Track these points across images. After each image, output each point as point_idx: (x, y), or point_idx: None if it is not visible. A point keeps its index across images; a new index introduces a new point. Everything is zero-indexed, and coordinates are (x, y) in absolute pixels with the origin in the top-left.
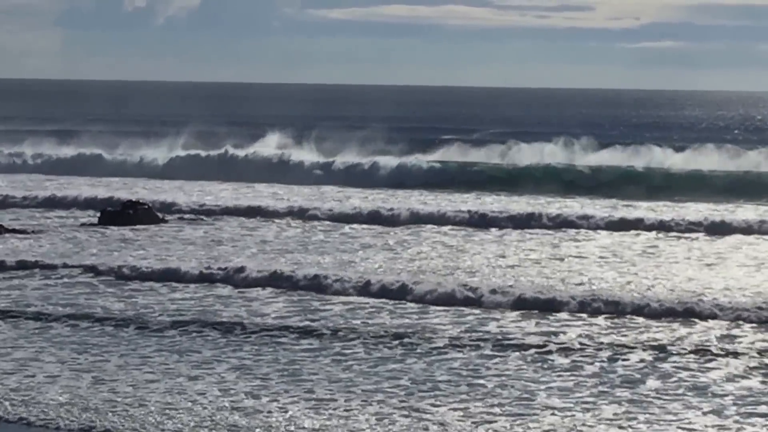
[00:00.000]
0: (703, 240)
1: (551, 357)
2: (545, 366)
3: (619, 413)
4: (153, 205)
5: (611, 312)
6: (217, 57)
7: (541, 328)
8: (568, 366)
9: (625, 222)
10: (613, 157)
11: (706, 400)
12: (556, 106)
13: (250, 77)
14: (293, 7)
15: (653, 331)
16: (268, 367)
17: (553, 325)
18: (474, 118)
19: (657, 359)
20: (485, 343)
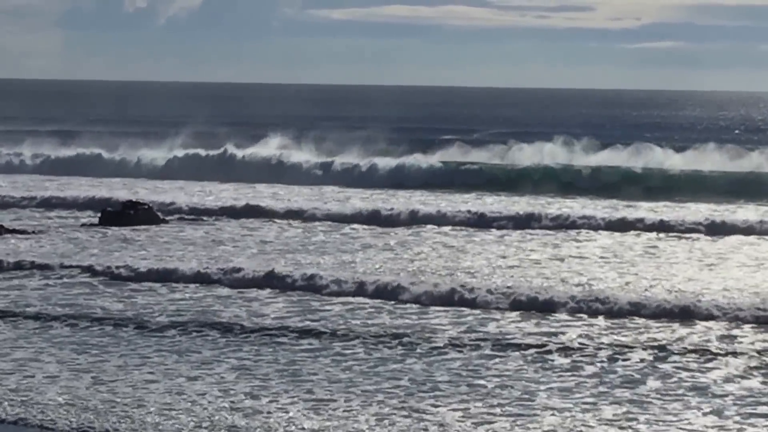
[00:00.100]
0: (704, 240)
1: (551, 357)
2: (545, 366)
3: (619, 414)
4: (153, 206)
5: (611, 312)
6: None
7: (541, 328)
8: (568, 366)
9: (626, 222)
10: (614, 158)
11: (706, 400)
12: (556, 106)
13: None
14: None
15: (653, 332)
16: (267, 368)
17: (553, 326)
18: (474, 118)
19: (657, 359)
20: (485, 344)
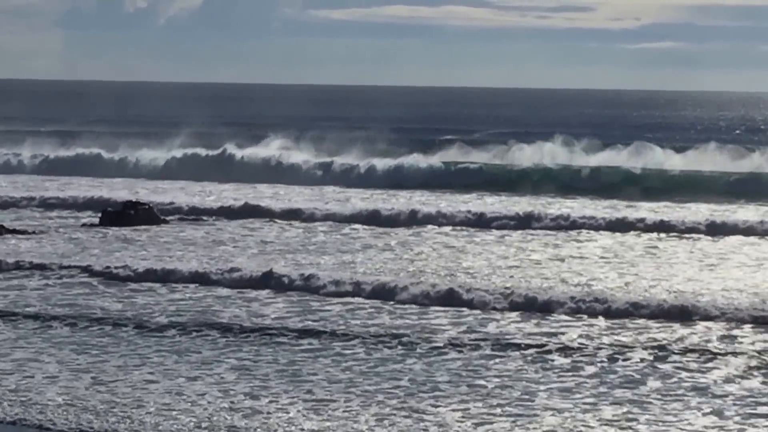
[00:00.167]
0: (704, 241)
1: (551, 357)
2: (545, 367)
3: (619, 414)
4: (154, 206)
5: (611, 312)
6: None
7: (541, 328)
8: (568, 367)
9: (626, 223)
10: (614, 158)
11: (706, 400)
12: (556, 106)
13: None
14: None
15: (653, 332)
16: (267, 368)
17: (553, 326)
18: (474, 118)
19: (657, 360)
20: (485, 344)
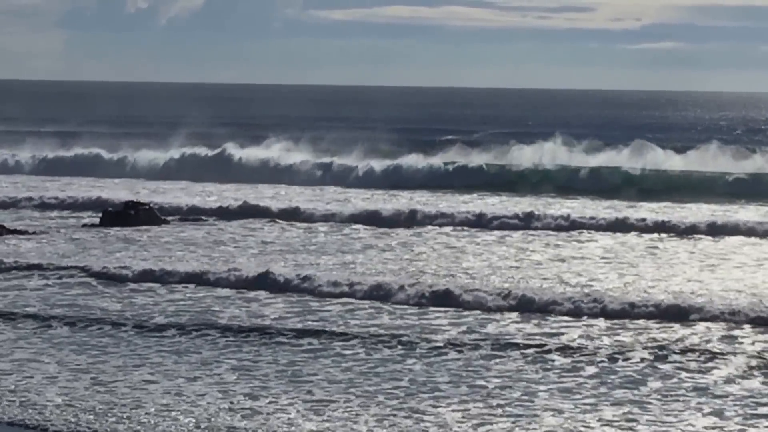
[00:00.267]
0: (705, 241)
1: (551, 358)
2: (545, 367)
3: (620, 414)
4: (154, 206)
5: (611, 313)
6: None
7: (542, 329)
8: (568, 367)
9: (627, 223)
10: (614, 158)
11: (706, 401)
12: (557, 106)
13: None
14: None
15: (653, 332)
16: (267, 368)
17: (553, 326)
18: (475, 118)
19: (657, 360)
20: (485, 344)
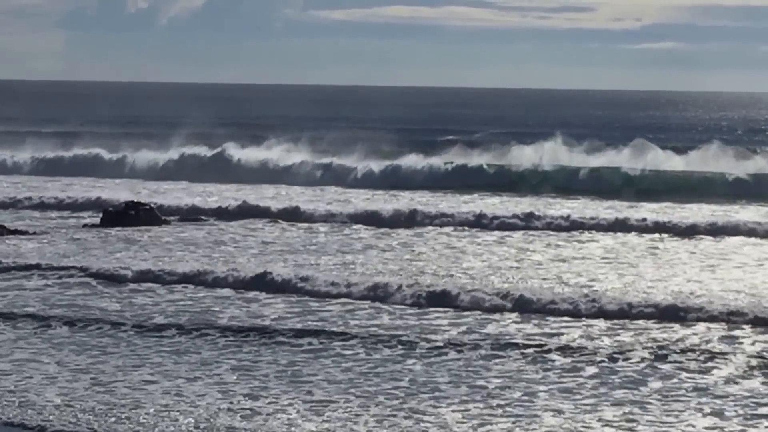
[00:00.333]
0: (706, 241)
1: (551, 358)
2: (546, 367)
3: (620, 415)
4: (155, 206)
5: (612, 313)
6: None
7: (542, 329)
8: (568, 367)
9: (627, 223)
10: (615, 159)
11: (707, 401)
12: (557, 107)
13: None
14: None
15: (654, 332)
16: (267, 369)
17: (553, 327)
18: (475, 118)
19: (657, 360)
20: (485, 345)
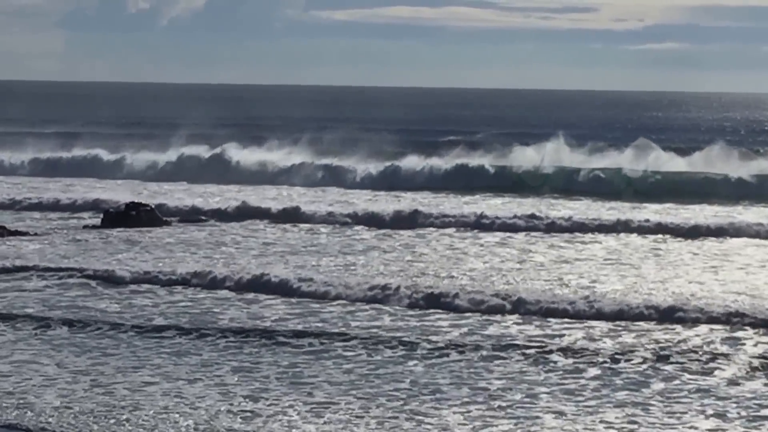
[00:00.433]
0: (709, 242)
1: (553, 359)
2: (547, 369)
3: (622, 416)
4: (156, 207)
5: (614, 314)
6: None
7: (543, 330)
8: (570, 369)
9: (630, 224)
10: (618, 159)
11: (709, 402)
12: (559, 107)
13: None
14: (296, 9)
15: (656, 334)
16: (267, 370)
17: (555, 328)
18: (477, 119)
19: (659, 361)
20: (486, 346)
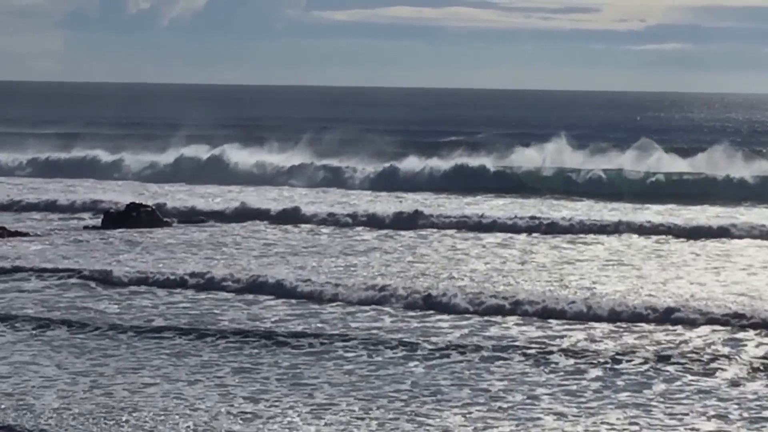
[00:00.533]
0: (711, 243)
1: (554, 361)
2: (548, 370)
3: (623, 418)
4: (156, 208)
5: (615, 316)
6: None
7: (545, 332)
8: (571, 370)
9: (632, 225)
10: (620, 160)
11: (711, 404)
12: (561, 108)
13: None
14: (297, 9)
15: (657, 335)
16: (268, 371)
17: (556, 329)
18: (479, 120)
19: (661, 362)
20: (487, 348)
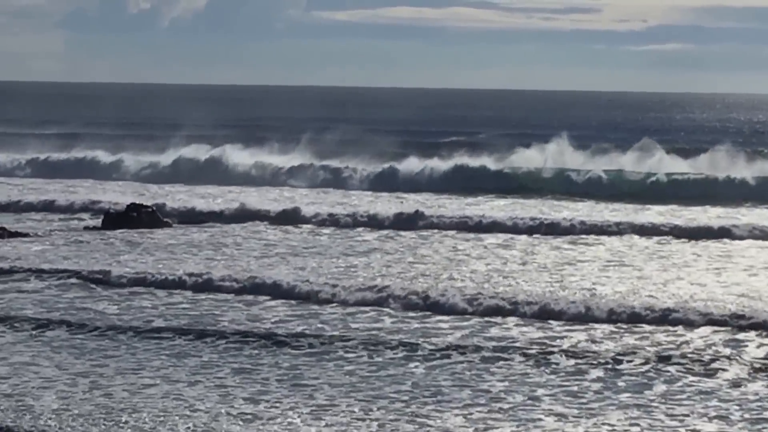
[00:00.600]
0: (712, 244)
1: (555, 362)
2: (549, 371)
3: (624, 419)
4: (156, 209)
5: (616, 317)
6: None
7: (545, 332)
8: (572, 371)
9: (634, 226)
10: (621, 161)
11: (712, 405)
12: (562, 108)
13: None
14: (298, 9)
15: (658, 336)
16: (268, 372)
17: (557, 330)
18: (480, 120)
19: (662, 363)
20: (488, 349)
